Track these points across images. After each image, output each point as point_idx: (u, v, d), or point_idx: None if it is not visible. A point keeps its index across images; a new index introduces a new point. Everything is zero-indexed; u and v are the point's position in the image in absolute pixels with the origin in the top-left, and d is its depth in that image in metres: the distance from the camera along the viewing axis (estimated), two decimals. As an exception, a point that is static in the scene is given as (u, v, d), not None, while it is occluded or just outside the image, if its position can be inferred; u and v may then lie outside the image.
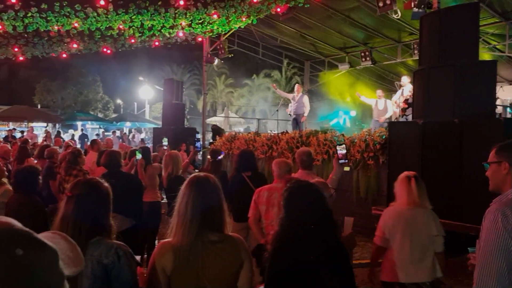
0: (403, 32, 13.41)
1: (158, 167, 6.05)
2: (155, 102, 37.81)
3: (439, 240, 3.51)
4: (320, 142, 8.54)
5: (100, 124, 29.14)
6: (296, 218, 2.29)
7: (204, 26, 11.89)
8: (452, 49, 6.09)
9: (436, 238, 3.50)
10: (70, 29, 10.56)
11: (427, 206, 3.55)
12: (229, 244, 2.21)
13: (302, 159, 4.67)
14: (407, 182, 3.52)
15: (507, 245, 1.91)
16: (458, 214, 5.65)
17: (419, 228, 3.47)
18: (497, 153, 2.20)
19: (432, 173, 6.05)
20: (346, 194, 7.92)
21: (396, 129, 6.92)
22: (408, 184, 3.51)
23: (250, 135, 11.07)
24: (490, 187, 2.25)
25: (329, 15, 12.82)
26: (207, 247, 2.15)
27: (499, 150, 2.20)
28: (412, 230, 3.46)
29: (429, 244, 3.48)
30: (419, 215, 3.49)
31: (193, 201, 2.18)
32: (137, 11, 9.54)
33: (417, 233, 3.46)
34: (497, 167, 2.18)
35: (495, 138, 5.34)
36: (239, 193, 5.00)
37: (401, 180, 3.59)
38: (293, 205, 2.32)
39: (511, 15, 11.11)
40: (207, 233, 2.17)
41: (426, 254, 3.47)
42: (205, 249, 2.15)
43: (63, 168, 5.97)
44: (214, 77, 38.15)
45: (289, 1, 10.18)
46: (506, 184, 2.14)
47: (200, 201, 2.19)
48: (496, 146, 2.24)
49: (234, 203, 5.09)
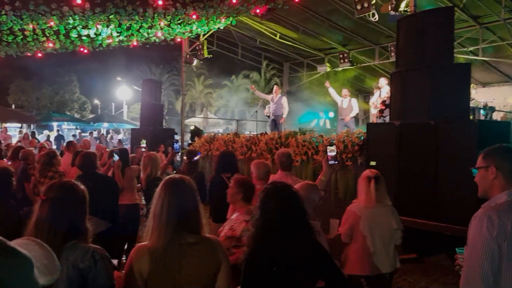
0: (380, 35, 13.62)
1: (137, 169, 5.97)
2: (133, 103, 37.40)
3: (398, 234, 3.74)
4: (299, 143, 8.57)
5: (76, 125, 28.64)
6: (272, 220, 2.28)
7: (183, 27, 11.81)
8: (428, 52, 6.20)
9: (396, 232, 3.73)
10: (46, 28, 10.35)
11: (387, 203, 3.79)
12: (206, 246, 2.19)
13: (281, 160, 4.68)
14: (367, 182, 3.73)
15: (492, 250, 1.91)
16: (433, 214, 5.75)
17: (380, 224, 3.69)
18: (484, 158, 2.18)
19: (408, 173, 6.15)
20: (324, 195, 7.96)
21: (374, 130, 7.00)
22: (369, 183, 3.72)
23: (229, 136, 11.03)
24: (479, 193, 2.24)
25: (308, 17, 12.92)
26: (184, 249, 2.14)
27: (486, 155, 2.18)
28: (374, 226, 3.67)
29: (390, 238, 3.71)
30: (379, 212, 3.72)
31: (169, 203, 2.16)
32: (115, 10, 9.40)
33: (379, 228, 3.68)
34: (485, 172, 2.16)
35: (469, 139, 5.49)
36: (218, 194, 4.99)
37: (362, 180, 3.79)
38: (268, 207, 2.31)
39: (484, 20, 11.40)
40: (183, 235, 2.15)
41: (387, 247, 3.71)
42: (181, 251, 2.13)
43: (37, 169, 5.84)
44: (193, 77, 37.97)
45: (268, 2, 10.20)
46: (494, 189, 2.12)
47: (175, 203, 2.17)
48: (483, 151, 2.22)
49: (213, 204, 5.09)
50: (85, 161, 4.78)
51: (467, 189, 5.40)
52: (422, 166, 5.99)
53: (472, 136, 5.51)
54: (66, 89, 35.17)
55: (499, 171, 2.10)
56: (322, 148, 8.13)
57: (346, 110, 11.52)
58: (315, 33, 14.30)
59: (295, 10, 12.30)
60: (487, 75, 14.99)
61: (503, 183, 2.09)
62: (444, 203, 5.66)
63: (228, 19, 11.28)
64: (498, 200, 2.08)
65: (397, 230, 3.72)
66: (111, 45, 12.97)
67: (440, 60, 6.09)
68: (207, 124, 22.44)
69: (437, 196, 5.76)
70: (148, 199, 5.13)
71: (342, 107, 11.65)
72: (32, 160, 6.48)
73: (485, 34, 11.74)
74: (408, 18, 7.15)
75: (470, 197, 5.44)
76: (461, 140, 5.65)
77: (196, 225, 2.21)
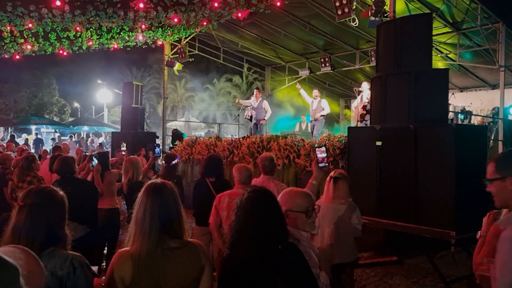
0: (361, 40, 13.78)
1: (117, 173, 5.90)
2: (114, 106, 36.99)
3: (358, 228, 4.15)
4: (280, 147, 8.61)
5: (56, 128, 28.14)
6: (246, 224, 2.26)
7: (164, 30, 11.76)
8: (407, 57, 6.29)
9: (356, 226, 4.13)
10: (24, 30, 10.17)
11: (344, 201, 4.17)
12: (189, 250, 2.19)
13: (264, 164, 4.70)
14: (332, 182, 4.16)
15: None
16: (413, 216, 5.83)
17: (342, 219, 4.08)
18: (498, 168, 2.11)
19: (389, 176, 6.23)
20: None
21: (355, 134, 7.07)
22: (329, 182, 4.17)
23: (211, 139, 11.00)
24: (496, 204, 2.19)
25: (290, 21, 13.00)
26: (167, 254, 2.13)
27: (500, 166, 2.11)
28: (336, 220, 4.05)
29: (348, 231, 4.10)
30: (342, 208, 4.11)
31: (151, 209, 2.15)
32: (95, 12, 9.29)
33: (341, 222, 4.06)
34: (502, 183, 2.09)
35: (448, 143, 5.59)
36: (201, 197, 5.00)
37: (327, 179, 4.22)
38: (244, 212, 2.28)
39: (461, 26, 11.63)
40: (166, 240, 2.15)
41: (348, 239, 4.13)
42: (164, 256, 2.12)
43: (16, 174, 5.73)
44: (175, 81, 37.77)
45: (250, 6, 10.23)
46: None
47: (158, 208, 2.16)
48: (493, 161, 2.16)
49: (196, 208, 5.09)
50: (62, 165, 4.70)
51: (446, 192, 5.51)
52: (402, 169, 6.07)
53: (450, 140, 5.61)
54: (45, 92, 34.57)
55: None
56: (304, 152, 8.17)
57: (315, 111, 11.77)
58: (296, 37, 14.38)
59: (276, 14, 12.36)
60: (464, 80, 15.27)
61: None
62: (424, 205, 5.75)
63: (210, 23, 11.27)
64: None
65: (357, 225, 4.13)
66: (91, 48, 12.83)
67: (419, 65, 6.19)
68: (188, 128, 22.31)
69: (416, 199, 5.84)
70: (129, 204, 5.08)
71: (312, 108, 11.90)
72: (9, 165, 6.36)
73: (462, 39, 11.98)
74: (387, 23, 7.25)
75: (449, 200, 5.55)
76: (440, 144, 5.75)
77: (179, 230, 2.21)
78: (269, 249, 2.20)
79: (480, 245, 2.62)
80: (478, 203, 3.74)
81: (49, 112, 34.65)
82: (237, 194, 4.17)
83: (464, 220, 5.26)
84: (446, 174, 5.52)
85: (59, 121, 32.27)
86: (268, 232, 2.23)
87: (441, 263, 6.26)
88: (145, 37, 12.39)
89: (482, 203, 3.17)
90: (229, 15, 10.67)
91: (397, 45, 6.39)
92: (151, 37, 12.48)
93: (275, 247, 2.22)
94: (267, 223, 2.25)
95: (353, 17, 9.37)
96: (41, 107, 34.13)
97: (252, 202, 2.29)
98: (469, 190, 5.37)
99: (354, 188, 6.76)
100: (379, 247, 7.02)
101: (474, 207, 4.46)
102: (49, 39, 11.19)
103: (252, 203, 2.29)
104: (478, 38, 11.59)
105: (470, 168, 5.53)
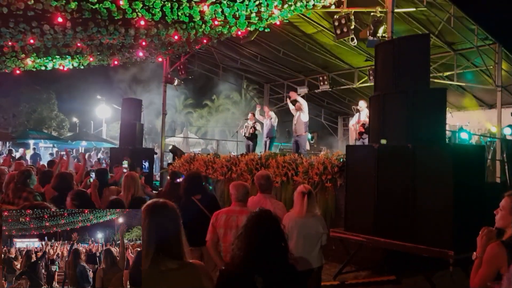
0: (359, 58, 13.92)
1: (115, 190, 5.88)
2: (112, 121, 37.01)
3: (324, 237, 4.54)
4: (279, 164, 8.61)
5: (54, 143, 28.07)
6: (254, 246, 2.37)
7: (164, 47, 11.85)
8: (405, 76, 6.34)
9: (323, 235, 4.52)
10: (25, 46, 10.24)
11: (316, 213, 4.59)
12: (189, 272, 2.15)
13: (260, 183, 4.70)
14: (302, 197, 4.44)
15: None
16: (411, 235, 5.80)
17: (309, 229, 4.45)
18: None
19: (386, 195, 6.22)
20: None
21: (353, 153, 7.09)
22: (302, 198, 4.42)
23: (209, 156, 11.01)
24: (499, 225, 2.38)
25: (289, 39, 13.14)
26: (165, 275, 2.09)
27: None
28: (304, 231, 4.41)
29: (317, 240, 4.49)
30: (309, 220, 4.48)
31: (149, 229, 2.11)
32: (96, 29, 9.38)
33: (308, 232, 4.44)
34: None
35: (446, 162, 5.61)
36: (191, 217, 4.91)
37: (297, 194, 4.51)
38: (253, 234, 2.41)
39: (458, 46, 11.78)
40: (165, 261, 2.10)
41: (315, 247, 4.50)
42: (163, 277, 2.08)
43: (11, 189, 5.64)
44: (174, 97, 37.89)
45: (249, 25, 10.34)
46: None
47: (156, 229, 2.12)
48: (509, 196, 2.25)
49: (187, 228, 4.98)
50: (60, 181, 4.66)
51: (444, 211, 5.50)
52: (400, 188, 6.07)
53: (448, 159, 5.63)
54: (44, 106, 34.63)
55: None
56: (302, 169, 8.18)
57: (296, 126, 11.29)
58: (295, 56, 14.51)
59: (276, 33, 12.50)
60: (461, 100, 15.40)
61: None
62: (422, 225, 5.73)
63: (210, 41, 11.38)
64: None
65: (323, 234, 4.52)
66: (92, 64, 12.91)
67: (416, 85, 6.23)
68: (187, 144, 22.31)
69: (414, 218, 5.83)
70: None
71: (293, 123, 11.43)
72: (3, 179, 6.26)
73: (459, 60, 12.11)
74: (386, 43, 7.34)
75: (446, 219, 5.54)
76: (438, 163, 5.76)
77: (177, 250, 2.16)
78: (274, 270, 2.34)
79: (476, 266, 2.63)
80: (477, 222, 3.74)
81: (48, 127, 34.64)
82: (234, 211, 4.18)
83: (462, 240, 5.24)
84: (444, 193, 5.52)
85: (57, 136, 32.24)
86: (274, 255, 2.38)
87: (439, 283, 6.20)
88: (145, 53, 12.48)
89: (481, 223, 3.17)
90: (229, 33, 10.77)
91: (395, 65, 6.45)
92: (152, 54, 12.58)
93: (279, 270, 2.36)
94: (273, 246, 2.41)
95: (352, 36, 9.48)
96: (40, 121, 34.13)
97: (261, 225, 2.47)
98: (467, 209, 5.37)
99: (352, 206, 6.80)
100: (376, 266, 6.97)
101: (472, 226, 4.44)
102: (50, 55, 11.27)
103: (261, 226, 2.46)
104: (475, 58, 11.72)
105: (468, 188, 5.54)
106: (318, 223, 4.53)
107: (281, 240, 2.45)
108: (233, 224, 4.08)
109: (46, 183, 5.68)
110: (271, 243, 2.38)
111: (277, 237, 2.44)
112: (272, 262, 2.32)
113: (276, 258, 2.35)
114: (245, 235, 2.43)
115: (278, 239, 2.43)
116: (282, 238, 2.47)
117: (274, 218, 2.53)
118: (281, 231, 2.49)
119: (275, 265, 2.33)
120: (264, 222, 2.47)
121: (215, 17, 9.05)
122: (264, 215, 2.53)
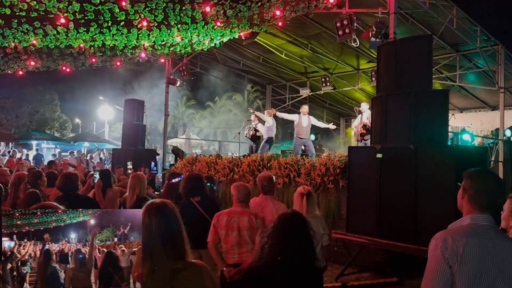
0: (362, 60, 13.90)
1: (118, 191, 5.88)
2: (115, 122, 37.08)
3: (325, 237, 4.51)
4: (281, 165, 8.60)
5: (56, 144, 28.12)
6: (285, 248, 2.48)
7: (166, 48, 11.87)
8: (408, 77, 6.33)
9: (323, 236, 4.48)
10: (28, 46, 10.27)
11: (316, 214, 4.59)
12: (193, 272, 2.14)
13: (263, 184, 4.69)
14: (301, 198, 4.46)
15: (444, 271, 1.97)
16: (413, 237, 5.79)
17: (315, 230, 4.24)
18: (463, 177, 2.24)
19: (389, 197, 6.21)
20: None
21: (355, 154, 7.08)
22: (301, 199, 4.45)
23: (211, 157, 11.00)
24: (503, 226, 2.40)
25: (291, 40, 13.13)
26: (170, 276, 2.08)
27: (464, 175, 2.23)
28: None
29: (318, 241, 4.38)
30: (313, 221, 4.23)
31: (152, 230, 2.11)
32: (99, 30, 9.40)
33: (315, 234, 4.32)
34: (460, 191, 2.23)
35: (447, 164, 5.60)
36: (190, 219, 4.86)
37: (296, 195, 4.53)
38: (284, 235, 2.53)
39: (460, 47, 11.75)
40: (169, 262, 2.10)
41: (318, 248, 4.36)
42: (168, 278, 2.08)
43: (21, 190, 5.63)
44: (176, 98, 37.92)
45: (252, 26, 10.35)
46: (463, 209, 2.20)
47: (159, 229, 2.12)
48: None
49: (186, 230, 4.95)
50: (65, 182, 4.67)
51: (446, 213, 5.48)
52: (402, 189, 6.06)
53: (450, 160, 5.62)
54: (47, 107, 34.73)
55: (465, 194, 2.16)
56: (304, 170, 8.17)
57: (306, 129, 11.13)
58: (297, 57, 14.50)
59: (278, 34, 12.50)
60: (464, 101, 15.36)
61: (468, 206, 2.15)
62: (424, 226, 5.71)
63: (212, 41, 11.39)
64: (462, 222, 2.14)
65: (324, 235, 4.49)
66: (94, 65, 12.95)
67: (419, 86, 6.23)
68: (189, 145, 22.31)
69: (417, 219, 5.82)
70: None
71: (301, 125, 11.18)
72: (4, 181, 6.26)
73: (461, 61, 12.08)
74: (388, 44, 7.32)
75: (449, 220, 5.52)
76: (440, 164, 5.75)
77: (181, 250, 2.16)
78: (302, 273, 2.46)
79: None
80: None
81: (50, 128, 34.73)
82: (236, 212, 4.18)
83: (464, 242, 5.22)
84: (446, 194, 5.50)
85: (60, 137, 32.30)
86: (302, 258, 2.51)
87: (441, 285, 6.18)
88: (148, 54, 12.50)
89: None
90: (231, 34, 10.78)
91: (398, 66, 6.44)
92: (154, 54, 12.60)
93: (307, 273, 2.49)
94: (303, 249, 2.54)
95: (354, 37, 9.46)
96: (42, 122, 34.22)
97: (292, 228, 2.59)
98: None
99: (354, 207, 6.79)
100: (378, 268, 6.96)
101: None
102: (52, 56, 11.30)
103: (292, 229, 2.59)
104: (478, 60, 11.69)
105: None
106: (318, 224, 4.46)
107: (311, 243, 2.56)
108: (235, 225, 4.09)
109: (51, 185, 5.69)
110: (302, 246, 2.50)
111: (308, 241, 2.55)
112: (301, 265, 2.44)
113: (305, 261, 2.47)
114: (278, 236, 2.53)
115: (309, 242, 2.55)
116: (311, 242, 2.57)
117: (307, 221, 2.64)
118: (311, 235, 2.59)
119: (303, 268, 2.44)
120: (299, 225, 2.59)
121: (218, 18, 9.06)
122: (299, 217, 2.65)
